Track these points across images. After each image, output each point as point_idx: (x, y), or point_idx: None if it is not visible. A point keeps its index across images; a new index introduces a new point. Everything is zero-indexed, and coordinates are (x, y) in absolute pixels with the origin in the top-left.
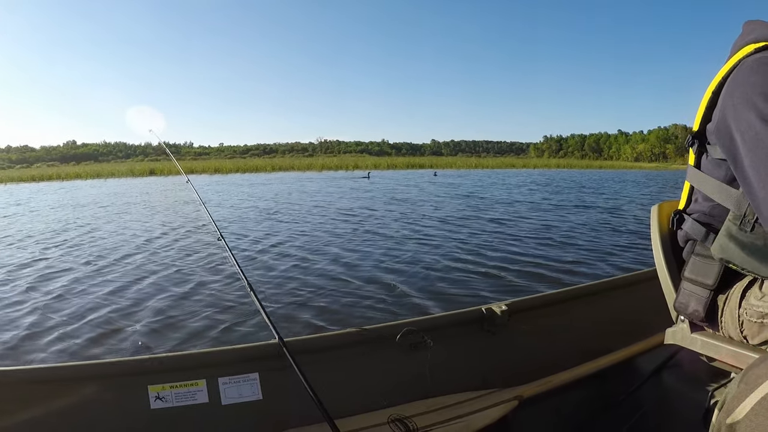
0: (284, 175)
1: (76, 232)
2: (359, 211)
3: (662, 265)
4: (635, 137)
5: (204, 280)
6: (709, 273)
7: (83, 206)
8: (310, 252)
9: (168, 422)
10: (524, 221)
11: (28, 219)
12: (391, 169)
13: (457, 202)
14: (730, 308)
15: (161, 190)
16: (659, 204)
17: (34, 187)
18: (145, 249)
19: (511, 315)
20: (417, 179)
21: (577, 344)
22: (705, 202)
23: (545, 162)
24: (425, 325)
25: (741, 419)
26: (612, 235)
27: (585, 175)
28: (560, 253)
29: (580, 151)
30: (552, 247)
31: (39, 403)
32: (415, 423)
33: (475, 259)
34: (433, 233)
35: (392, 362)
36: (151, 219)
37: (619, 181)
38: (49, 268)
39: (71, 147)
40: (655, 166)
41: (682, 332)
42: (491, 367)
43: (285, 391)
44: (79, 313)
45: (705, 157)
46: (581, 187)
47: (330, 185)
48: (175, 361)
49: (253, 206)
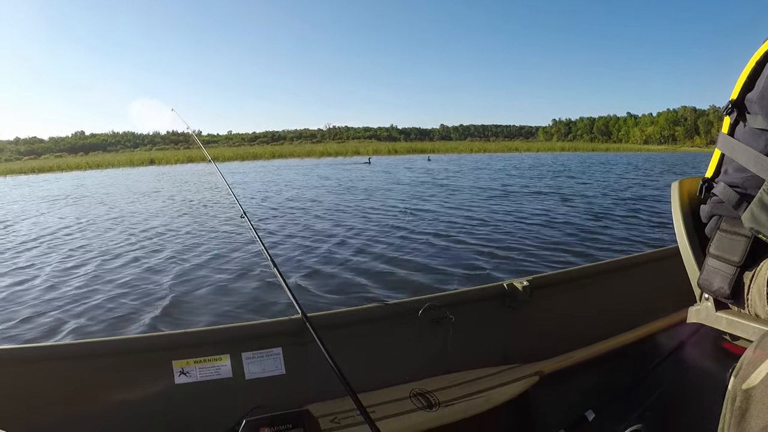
0: (281, 162)
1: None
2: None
3: (685, 241)
4: (644, 120)
5: (228, 257)
6: (736, 249)
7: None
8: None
9: (192, 396)
10: (459, 211)
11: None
12: (392, 154)
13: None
14: (757, 285)
15: (177, 177)
16: (680, 181)
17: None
18: (170, 230)
19: (533, 291)
20: (405, 165)
21: (597, 321)
22: (736, 172)
23: (550, 145)
24: (447, 301)
25: (756, 384)
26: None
27: (582, 159)
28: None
29: (589, 134)
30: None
31: (65, 378)
32: (436, 397)
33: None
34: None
35: (414, 337)
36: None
37: (614, 164)
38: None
39: (79, 138)
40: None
41: (707, 310)
42: (512, 343)
43: (308, 365)
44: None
45: (742, 126)
46: (562, 171)
47: (329, 172)
48: (199, 337)
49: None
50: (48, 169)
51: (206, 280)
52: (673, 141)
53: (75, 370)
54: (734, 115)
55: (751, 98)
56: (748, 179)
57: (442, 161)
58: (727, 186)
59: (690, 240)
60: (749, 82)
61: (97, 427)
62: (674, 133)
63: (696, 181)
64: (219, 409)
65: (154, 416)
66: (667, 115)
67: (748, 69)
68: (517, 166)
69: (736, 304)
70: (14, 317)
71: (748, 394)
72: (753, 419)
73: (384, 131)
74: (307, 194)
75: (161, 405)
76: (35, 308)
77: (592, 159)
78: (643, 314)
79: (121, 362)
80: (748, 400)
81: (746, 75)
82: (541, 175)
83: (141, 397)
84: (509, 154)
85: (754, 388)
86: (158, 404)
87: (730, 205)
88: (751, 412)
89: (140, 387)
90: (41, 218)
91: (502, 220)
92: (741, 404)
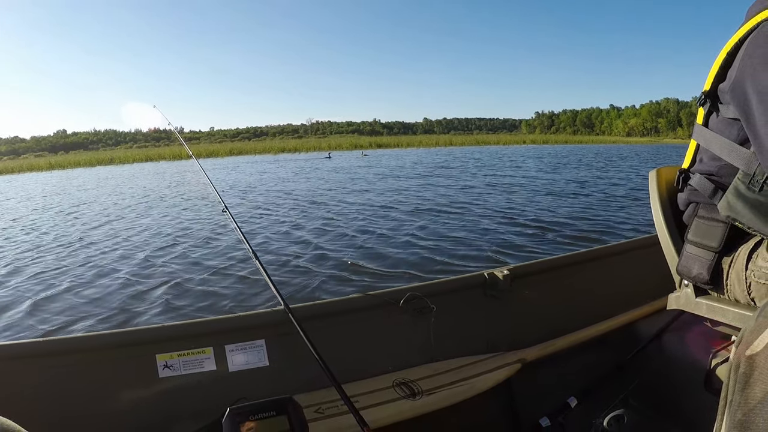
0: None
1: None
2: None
3: (663, 229)
4: (627, 112)
5: (209, 251)
6: (714, 235)
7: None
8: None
9: (177, 390)
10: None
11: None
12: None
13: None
14: (736, 271)
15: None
16: (657, 169)
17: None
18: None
19: (514, 280)
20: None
21: (579, 309)
22: (711, 161)
23: (521, 138)
24: (428, 291)
25: (760, 351)
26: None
27: (547, 151)
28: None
29: (572, 126)
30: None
31: (46, 375)
32: (419, 386)
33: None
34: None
35: (397, 327)
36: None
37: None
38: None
39: (61, 136)
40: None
41: (686, 297)
42: (494, 331)
43: (291, 357)
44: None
45: (715, 117)
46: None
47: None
48: (182, 330)
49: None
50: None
51: (188, 274)
52: (656, 133)
53: (56, 366)
54: (707, 105)
55: (723, 89)
56: (722, 167)
57: (378, 156)
58: (703, 177)
59: (668, 227)
60: (721, 72)
61: (80, 424)
62: (657, 125)
63: (673, 170)
64: (203, 401)
65: (139, 411)
66: (650, 107)
67: (719, 60)
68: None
69: (715, 290)
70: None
71: (751, 360)
72: (757, 384)
73: (367, 125)
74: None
75: (145, 399)
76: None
77: (561, 150)
78: (624, 302)
79: (104, 357)
80: (752, 366)
81: (718, 66)
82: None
83: (125, 392)
84: (480, 147)
85: (757, 354)
86: (142, 398)
87: (705, 195)
88: (755, 378)
89: (124, 382)
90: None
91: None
92: (745, 370)
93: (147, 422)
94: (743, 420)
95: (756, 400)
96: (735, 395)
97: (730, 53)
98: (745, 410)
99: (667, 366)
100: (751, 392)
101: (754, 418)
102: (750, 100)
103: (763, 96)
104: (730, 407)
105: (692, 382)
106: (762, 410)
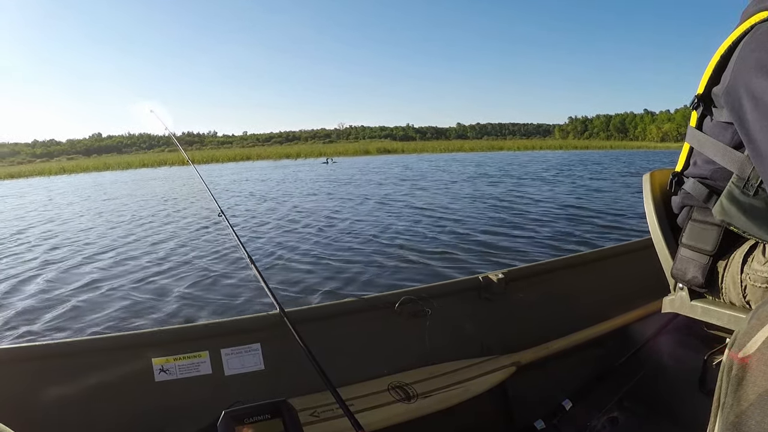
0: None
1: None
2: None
3: (657, 232)
4: (661, 117)
5: (206, 255)
6: (708, 238)
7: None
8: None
9: (172, 394)
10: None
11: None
12: (365, 155)
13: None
14: (731, 274)
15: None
16: (651, 172)
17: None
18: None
19: (508, 283)
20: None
21: (573, 312)
22: (705, 165)
23: (548, 144)
24: (424, 294)
25: (753, 353)
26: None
27: (561, 157)
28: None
29: (605, 131)
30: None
31: (44, 378)
32: (415, 389)
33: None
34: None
35: (392, 330)
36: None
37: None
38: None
39: (96, 140)
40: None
41: (681, 300)
42: (489, 334)
43: (287, 360)
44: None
45: (709, 120)
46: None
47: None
48: (178, 334)
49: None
50: (38, 173)
51: (184, 279)
52: None
53: (54, 370)
54: (701, 109)
55: (716, 92)
56: (716, 171)
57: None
58: (697, 181)
59: (663, 230)
60: (715, 75)
61: (77, 428)
62: None
63: (667, 173)
64: (199, 405)
65: (135, 415)
66: (684, 111)
67: (713, 63)
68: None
69: (710, 293)
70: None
71: (743, 363)
72: (749, 386)
73: (400, 130)
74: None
75: (142, 403)
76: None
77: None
78: (619, 305)
79: (101, 361)
80: (744, 368)
81: (711, 69)
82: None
83: (121, 396)
84: (494, 153)
85: (749, 357)
86: (138, 402)
87: (700, 199)
88: (748, 380)
89: (120, 386)
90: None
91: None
92: (737, 372)
93: (143, 426)
94: (736, 422)
95: (748, 402)
96: (728, 397)
97: (724, 56)
98: (738, 412)
99: (662, 368)
100: (743, 394)
101: (747, 420)
102: (744, 104)
103: (757, 101)
104: (722, 409)
105: (687, 384)
106: (754, 412)
